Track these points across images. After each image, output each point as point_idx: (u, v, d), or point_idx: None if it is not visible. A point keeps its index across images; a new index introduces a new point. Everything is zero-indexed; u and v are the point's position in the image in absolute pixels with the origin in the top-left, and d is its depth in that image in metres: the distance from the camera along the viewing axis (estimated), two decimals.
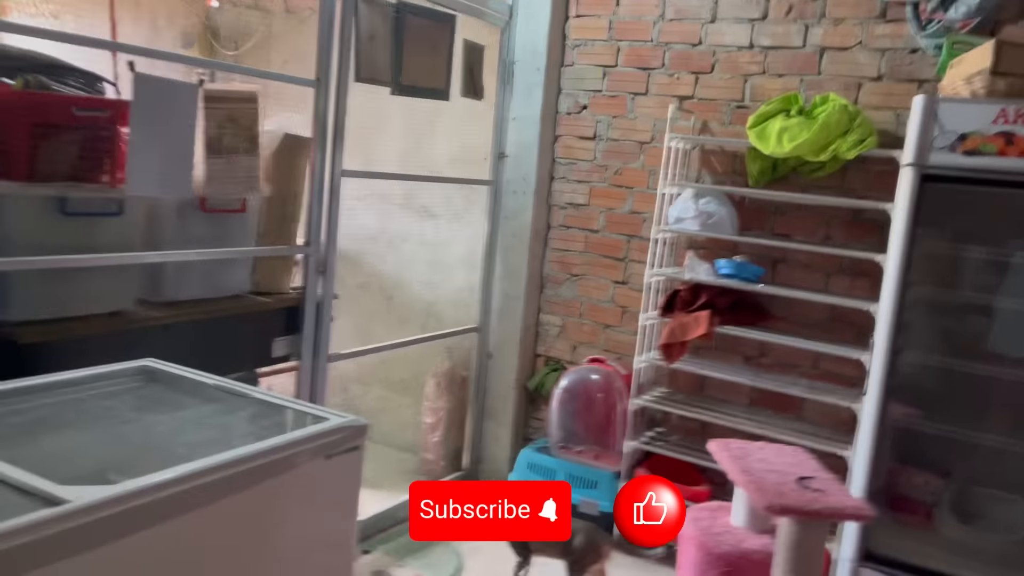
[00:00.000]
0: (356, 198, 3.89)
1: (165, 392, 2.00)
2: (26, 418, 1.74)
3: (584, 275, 3.83)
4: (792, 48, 3.29)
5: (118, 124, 2.27)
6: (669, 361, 3.25)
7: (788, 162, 3.22)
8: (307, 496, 1.74)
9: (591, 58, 3.73)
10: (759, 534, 2.44)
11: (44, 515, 1.22)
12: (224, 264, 2.70)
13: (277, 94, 3.03)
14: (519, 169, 3.81)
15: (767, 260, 3.35)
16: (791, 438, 3.05)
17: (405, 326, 4.15)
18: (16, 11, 3.07)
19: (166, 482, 1.40)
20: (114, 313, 2.36)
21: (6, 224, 2.06)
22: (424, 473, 3.99)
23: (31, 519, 1.20)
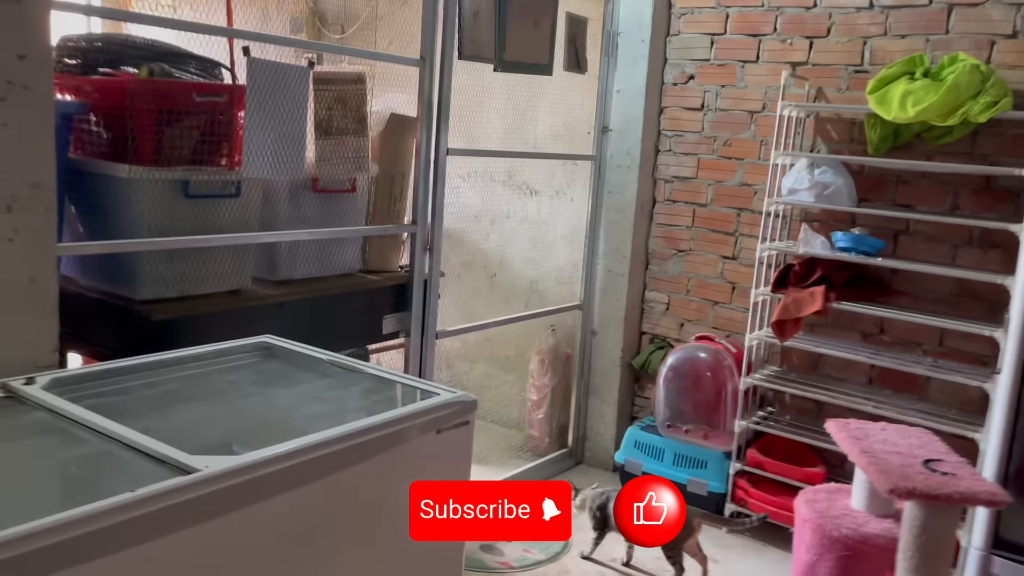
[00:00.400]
0: (459, 177, 3.93)
1: (282, 367, 2.07)
2: (156, 391, 1.83)
3: (691, 250, 3.74)
4: (917, 6, 3.10)
5: (235, 108, 2.35)
6: (782, 338, 3.14)
7: (912, 128, 3.04)
8: (418, 470, 1.76)
9: (698, 26, 3.61)
10: (881, 518, 2.33)
11: (177, 483, 1.28)
12: (335, 243, 2.76)
13: (383, 75, 3.07)
14: (623, 143, 3.74)
15: (887, 232, 3.19)
16: (914, 419, 2.90)
17: (509, 304, 4.16)
18: (136, 4, 3.22)
19: (287, 453, 1.44)
20: (233, 291, 2.46)
21: (135, 207, 2.16)
22: (529, 450, 4.01)
23: (166, 486, 1.26)
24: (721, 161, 3.62)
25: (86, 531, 1.16)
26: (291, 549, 1.48)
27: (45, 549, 1.11)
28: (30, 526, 1.11)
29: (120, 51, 2.32)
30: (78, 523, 1.15)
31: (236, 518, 1.37)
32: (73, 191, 2.22)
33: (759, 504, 3.23)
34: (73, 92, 2.27)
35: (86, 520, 1.16)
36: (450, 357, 4.35)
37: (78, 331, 2.22)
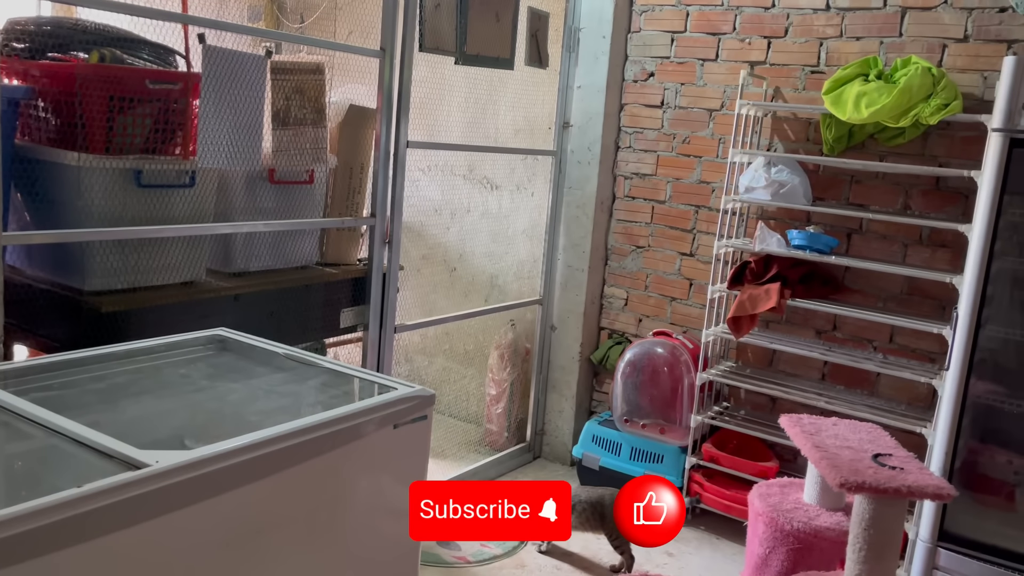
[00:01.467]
0: (420, 170, 3.90)
1: (237, 360, 2.03)
2: (106, 384, 1.79)
3: (650, 247, 3.76)
4: (871, 9, 3.15)
5: (190, 96, 2.30)
6: (738, 335, 3.18)
7: (865, 128, 3.10)
8: (375, 465, 1.75)
9: (659, 24, 3.63)
10: (832, 511, 2.38)
11: (126, 478, 1.25)
12: (292, 235, 2.73)
13: (342, 65, 3.03)
14: (584, 139, 3.75)
15: (841, 231, 3.25)
16: (865, 414, 2.96)
17: (468, 298, 4.16)
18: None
19: (240, 448, 1.42)
20: (186, 283, 2.41)
21: (84, 196, 2.11)
22: (487, 444, 4.00)
23: (114, 481, 1.23)
24: (680, 159, 3.64)
25: (30, 527, 1.13)
26: (244, 546, 1.46)
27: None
28: None
29: (70, 35, 2.26)
30: (22, 519, 1.12)
31: (187, 514, 1.34)
32: (19, 178, 2.16)
33: (714, 498, 3.28)
34: (20, 77, 2.21)
35: (30, 516, 1.13)
36: (409, 351, 4.33)
37: (24, 323, 2.17)
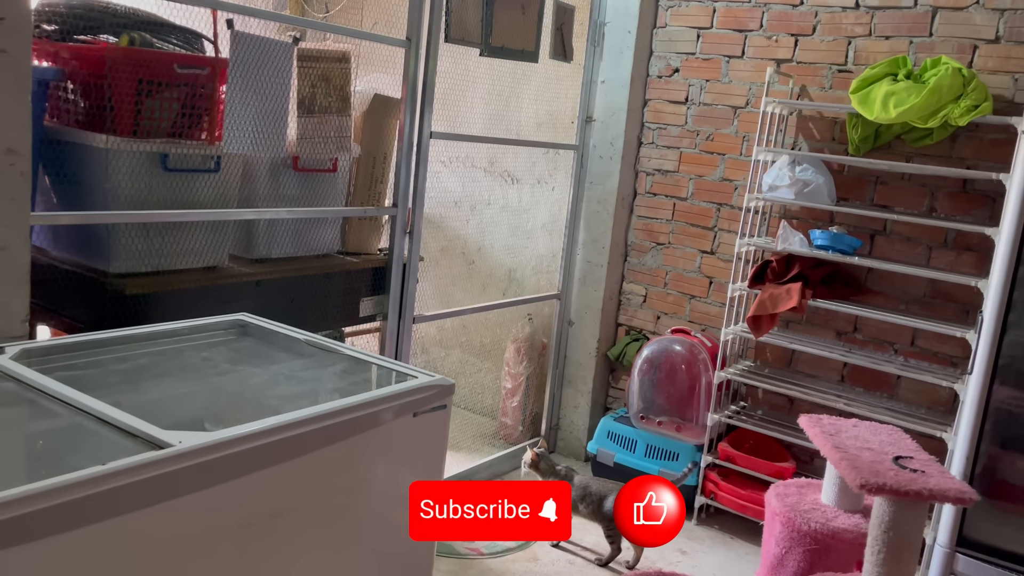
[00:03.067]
0: (440, 162, 3.90)
1: (258, 346, 2.04)
2: (129, 365, 1.80)
3: (670, 244, 3.75)
4: (901, 8, 3.12)
5: (217, 82, 2.31)
6: (757, 334, 3.16)
7: (892, 129, 3.07)
8: (393, 453, 1.76)
9: (685, 19, 3.61)
10: (849, 513, 2.36)
11: (150, 457, 1.26)
12: (314, 223, 2.73)
13: (367, 55, 3.03)
14: (606, 133, 3.74)
15: (865, 232, 3.22)
16: (884, 417, 2.93)
17: (486, 291, 4.15)
18: None
19: (262, 431, 1.42)
20: (209, 268, 2.42)
21: (112, 178, 2.12)
22: (502, 437, 4.01)
23: (138, 460, 1.24)
24: (703, 155, 3.62)
25: (56, 503, 1.14)
26: (262, 528, 1.46)
27: (14, 520, 1.09)
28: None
29: (100, 18, 2.27)
30: (48, 495, 1.13)
31: (207, 495, 1.35)
32: (47, 160, 2.17)
33: (729, 498, 3.26)
34: (50, 58, 2.22)
35: (56, 492, 1.14)
36: (425, 343, 4.33)
37: (49, 303, 2.19)
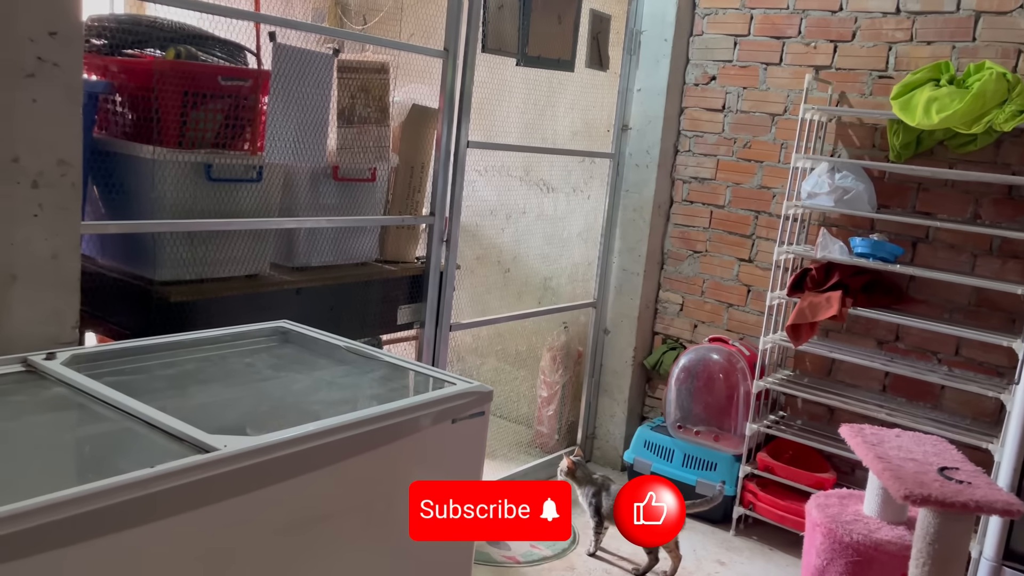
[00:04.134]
0: (476, 171, 3.92)
1: (299, 352, 2.07)
2: (174, 371, 1.83)
3: (707, 252, 3.73)
4: (944, 13, 3.08)
5: (259, 93, 2.35)
6: (797, 343, 3.13)
7: (935, 135, 3.02)
8: (432, 459, 1.76)
9: (721, 27, 3.60)
10: (893, 525, 2.32)
11: (196, 460, 1.28)
12: (353, 232, 2.76)
13: (405, 66, 3.07)
14: (642, 142, 3.73)
15: (907, 239, 3.17)
16: (928, 428, 2.88)
17: (521, 299, 4.16)
18: None
19: (304, 436, 1.44)
20: (251, 276, 2.46)
21: (158, 188, 2.17)
22: (538, 446, 4.00)
23: (185, 463, 1.26)
24: (740, 163, 3.60)
25: (106, 504, 1.16)
26: (303, 532, 1.48)
27: (65, 521, 1.12)
28: (50, 498, 1.11)
29: (147, 32, 2.33)
30: (98, 496, 1.16)
31: (251, 499, 1.37)
32: (96, 170, 2.23)
33: (768, 508, 3.22)
34: (99, 72, 2.28)
35: (106, 494, 1.16)
36: (461, 351, 4.35)
37: (97, 310, 2.24)
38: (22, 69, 1.64)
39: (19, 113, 1.65)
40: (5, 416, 1.51)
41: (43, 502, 1.10)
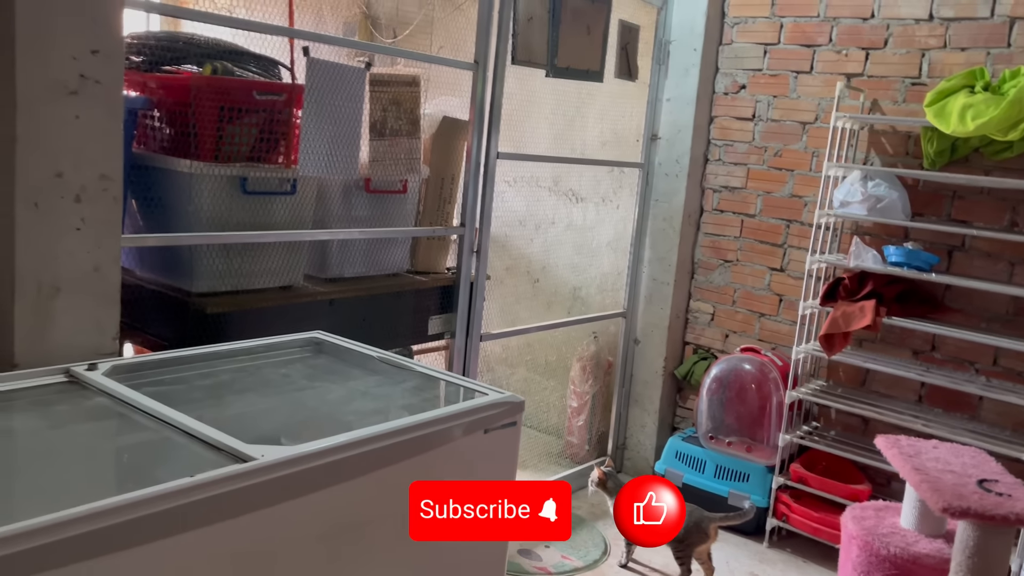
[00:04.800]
0: (505, 182, 3.94)
1: (333, 363, 2.09)
2: (211, 381, 1.86)
3: (738, 261, 3.71)
4: (978, 19, 3.04)
5: (293, 107, 2.39)
6: (830, 353, 3.10)
7: (970, 142, 2.99)
8: (465, 469, 1.77)
9: (751, 36, 3.59)
10: (931, 538, 2.29)
11: (235, 470, 1.30)
12: (385, 243, 2.79)
13: (435, 78, 3.10)
14: (672, 151, 3.72)
15: (942, 248, 3.13)
16: (965, 439, 2.83)
17: (551, 309, 4.16)
18: (193, 3, 3.29)
19: (340, 446, 1.46)
20: (285, 287, 2.49)
21: (195, 201, 2.20)
22: (568, 457, 4.00)
23: (224, 473, 1.28)
24: (771, 172, 3.58)
25: (146, 513, 1.18)
26: (338, 541, 1.49)
27: (107, 529, 1.14)
28: (92, 507, 1.13)
29: (185, 49, 2.37)
30: (139, 505, 1.18)
31: (288, 508, 1.38)
32: (135, 184, 2.27)
33: (802, 520, 3.19)
34: (138, 88, 2.33)
35: (147, 503, 1.18)
36: (491, 361, 4.35)
37: (135, 321, 2.28)
38: (65, 86, 1.69)
39: (62, 129, 1.69)
40: (49, 426, 1.54)
41: (85, 511, 1.12)
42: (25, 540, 1.05)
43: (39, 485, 1.35)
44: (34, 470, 1.39)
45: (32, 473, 1.39)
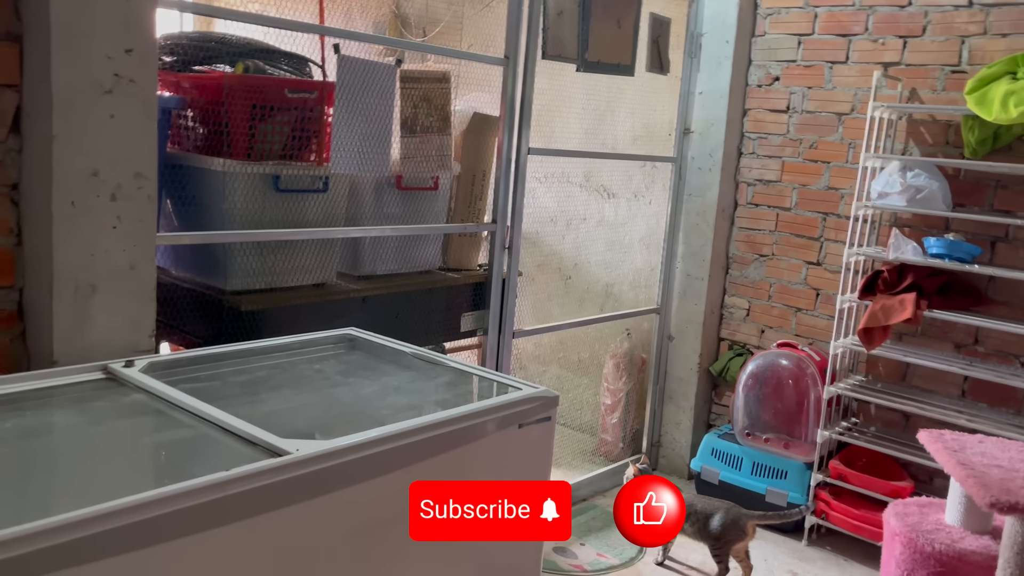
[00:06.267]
0: (536, 179, 3.92)
1: (366, 359, 2.09)
2: (246, 377, 1.87)
3: (774, 255, 3.65)
4: (1019, 4, 2.96)
5: (324, 105, 2.39)
6: (869, 347, 3.04)
7: (1013, 130, 2.91)
8: (499, 464, 1.76)
9: (785, 27, 3.53)
10: (978, 534, 2.23)
11: (270, 464, 1.30)
12: (417, 240, 2.79)
13: (465, 75, 3.09)
14: (705, 145, 3.68)
15: (984, 239, 3.06)
16: (1011, 434, 2.76)
17: (583, 306, 4.14)
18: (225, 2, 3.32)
19: (374, 440, 1.45)
20: (318, 285, 2.50)
21: (228, 200, 2.22)
22: (602, 454, 3.97)
23: (259, 467, 1.28)
24: (807, 164, 3.53)
25: (184, 506, 1.19)
26: (373, 536, 1.49)
27: (146, 522, 1.14)
28: (132, 500, 1.14)
29: (217, 48, 2.39)
30: (177, 498, 1.18)
31: (323, 502, 1.38)
32: (169, 183, 2.29)
33: (841, 518, 3.13)
34: (172, 88, 2.35)
35: (184, 496, 1.19)
36: (523, 358, 4.34)
37: (171, 319, 2.30)
38: (101, 86, 1.70)
39: (98, 128, 1.71)
40: (88, 421, 1.56)
41: (125, 504, 1.13)
42: (65, 533, 1.06)
43: (78, 480, 1.36)
44: (73, 465, 1.41)
45: (71, 468, 1.40)
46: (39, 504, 1.24)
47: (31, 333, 1.76)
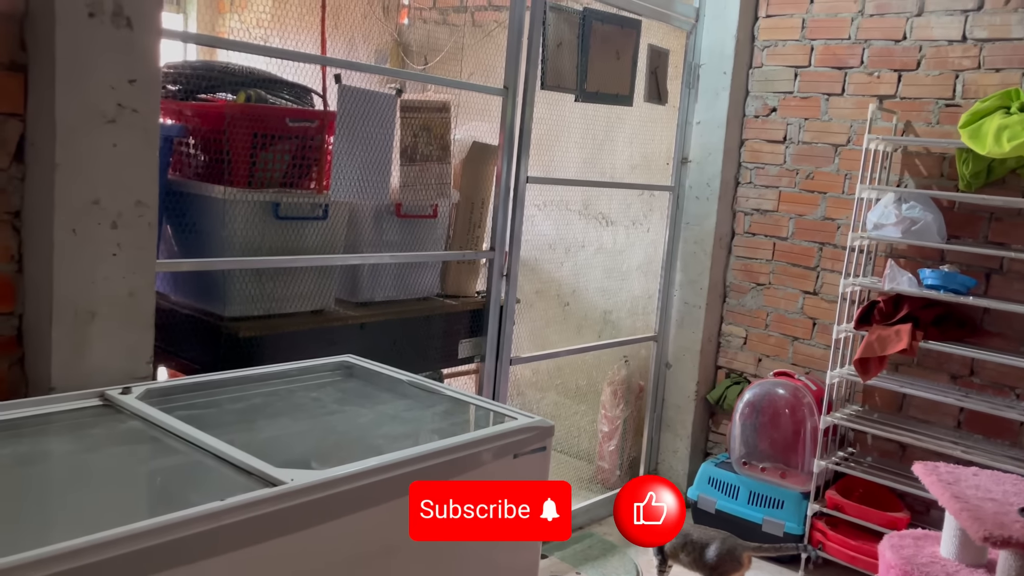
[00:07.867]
0: (535, 206, 3.95)
1: (363, 386, 2.10)
2: (243, 405, 1.88)
3: (771, 284, 3.67)
4: (1012, 40, 3.00)
5: (325, 133, 2.42)
6: (865, 377, 3.05)
7: (1006, 163, 2.94)
8: None
9: (782, 59, 3.58)
10: (972, 568, 2.22)
11: (265, 494, 1.31)
12: (415, 267, 2.80)
13: (465, 104, 3.12)
14: (703, 174, 3.71)
15: (979, 270, 3.08)
16: (1007, 466, 2.76)
17: (581, 333, 4.15)
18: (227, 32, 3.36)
19: (370, 470, 1.46)
20: (316, 311, 2.51)
21: (228, 227, 2.24)
22: (599, 482, 3.96)
23: (254, 497, 1.29)
24: (803, 194, 3.55)
25: (177, 537, 1.19)
26: (369, 566, 1.49)
27: (138, 552, 1.15)
28: (124, 530, 1.14)
29: (219, 78, 2.42)
30: (170, 528, 1.18)
31: (318, 532, 1.39)
32: (170, 210, 2.31)
33: (838, 548, 3.12)
34: (174, 116, 2.38)
35: (178, 526, 1.19)
36: (520, 385, 4.34)
37: (169, 345, 2.31)
38: (103, 115, 1.72)
39: (100, 157, 1.73)
40: (83, 449, 1.57)
41: (117, 534, 1.13)
42: (59, 562, 1.07)
43: (73, 508, 1.36)
44: (68, 493, 1.41)
45: (67, 496, 1.40)
46: (34, 533, 1.25)
47: (30, 359, 1.77)
